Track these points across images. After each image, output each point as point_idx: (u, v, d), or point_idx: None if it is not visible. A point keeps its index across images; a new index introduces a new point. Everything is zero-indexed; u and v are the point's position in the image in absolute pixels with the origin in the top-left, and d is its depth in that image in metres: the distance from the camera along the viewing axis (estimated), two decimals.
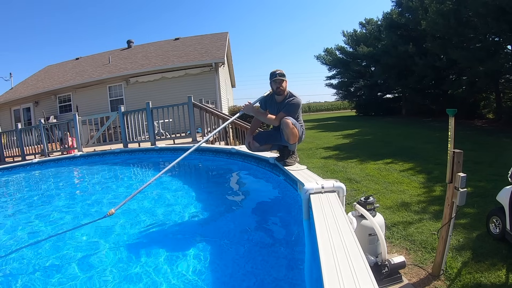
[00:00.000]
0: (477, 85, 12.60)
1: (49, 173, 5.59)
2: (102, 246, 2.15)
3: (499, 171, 4.20)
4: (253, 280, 1.68)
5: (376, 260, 2.34)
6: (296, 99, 2.68)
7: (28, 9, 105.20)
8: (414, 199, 4.11)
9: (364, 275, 0.97)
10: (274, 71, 2.66)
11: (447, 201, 2.42)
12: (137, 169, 5.50)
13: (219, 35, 15.19)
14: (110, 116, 7.43)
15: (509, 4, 8.86)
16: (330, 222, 1.42)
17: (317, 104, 46.34)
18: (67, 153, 7.35)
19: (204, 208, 2.89)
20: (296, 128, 2.58)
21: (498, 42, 11.26)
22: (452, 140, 2.39)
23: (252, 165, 3.80)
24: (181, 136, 7.11)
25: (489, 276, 2.37)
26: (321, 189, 1.89)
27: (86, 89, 12.85)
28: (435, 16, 11.63)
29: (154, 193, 3.40)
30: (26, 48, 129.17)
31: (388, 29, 17.77)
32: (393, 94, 23.13)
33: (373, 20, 22.45)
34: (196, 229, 2.45)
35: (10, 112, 14.80)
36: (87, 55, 17.31)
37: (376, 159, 6.74)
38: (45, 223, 2.72)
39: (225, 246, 2.11)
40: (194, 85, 11.67)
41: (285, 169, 2.68)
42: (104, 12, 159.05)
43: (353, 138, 11.05)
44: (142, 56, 14.12)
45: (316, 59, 26.26)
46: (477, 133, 10.12)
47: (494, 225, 2.90)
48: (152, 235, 2.34)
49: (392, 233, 3.19)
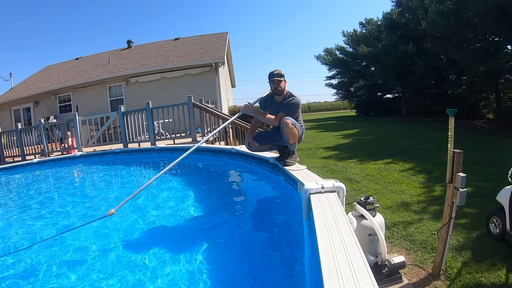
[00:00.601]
0: (477, 85, 12.60)
1: (49, 173, 5.59)
2: (101, 246, 2.15)
3: (499, 171, 4.20)
4: (254, 280, 1.68)
5: (376, 260, 2.34)
6: (296, 99, 2.68)
7: (28, 9, 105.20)
8: (414, 199, 4.11)
9: (364, 275, 0.97)
10: (272, 71, 2.67)
11: (447, 201, 2.42)
12: (137, 169, 5.50)
13: (219, 35, 15.19)
14: (110, 116, 7.44)
15: (509, 4, 8.86)
16: (330, 222, 1.42)
17: (317, 104, 46.33)
18: (67, 153, 7.35)
19: (203, 208, 2.89)
20: (296, 128, 2.58)
21: (498, 42, 11.26)
22: (452, 140, 2.39)
23: (252, 165, 3.80)
24: (181, 136, 7.10)
25: (489, 276, 2.37)
26: (321, 189, 1.89)
27: (86, 89, 12.85)
28: (435, 16, 11.63)
29: (154, 193, 3.40)
30: (26, 48, 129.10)
31: (388, 29, 17.77)
32: (393, 94, 23.13)
33: (373, 20, 22.45)
34: (196, 229, 2.45)
35: (10, 112, 14.80)
36: (87, 55, 17.31)
37: (376, 159, 6.74)
38: (45, 223, 2.72)
39: (225, 246, 2.11)
40: (194, 85, 11.66)
41: (285, 169, 2.68)
42: (104, 12, 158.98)
43: (353, 138, 11.05)
44: (142, 56, 14.12)
45: (316, 59, 26.31)
46: (477, 133, 10.12)
47: (494, 225, 2.90)
48: (151, 235, 2.34)
49: (392, 233, 3.19)
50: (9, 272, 1.89)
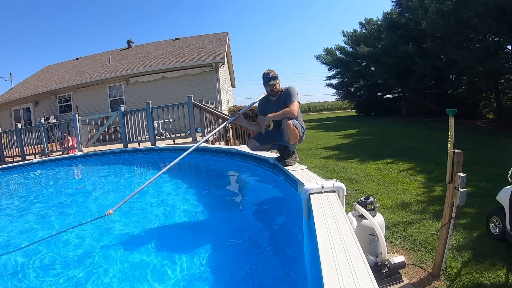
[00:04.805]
0: (477, 85, 12.60)
1: (49, 173, 5.59)
2: (99, 246, 2.14)
3: (499, 171, 4.20)
4: (254, 280, 1.68)
5: (376, 260, 2.34)
6: (290, 86, 2.70)
7: (28, 9, 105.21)
8: (414, 199, 4.11)
9: (364, 275, 0.97)
10: (266, 73, 2.66)
11: (447, 201, 2.42)
12: (137, 169, 5.50)
13: (219, 35, 15.19)
14: (110, 116, 7.43)
15: (509, 4, 8.86)
16: (330, 222, 1.41)
17: (317, 104, 46.32)
18: (67, 153, 7.35)
19: (203, 208, 2.89)
20: (297, 129, 2.58)
21: (498, 42, 11.26)
22: (452, 140, 2.39)
23: (252, 165, 3.79)
24: (181, 136, 7.10)
25: (489, 276, 2.37)
26: (321, 189, 1.89)
27: (86, 89, 12.84)
28: (435, 16, 11.63)
29: (153, 193, 3.40)
30: (26, 48, 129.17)
31: (388, 29, 17.78)
32: (393, 94, 23.14)
33: (373, 20, 22.47)
34: (195, 229, 2.45)
35: (10, 112, 14.79)
36: (87, 55, 17.30)
37: (376, 159, 6.74)
38: (44, 223, 2.72)
39: (225, 246, 2.11)
40: (194, 85, 11.66)
41: (285, 169, 2.68)
42: (104, 12, 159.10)
43: (353, 138, 11.05)
44: (142, 56, 14.12)
45: (316, 59, 26.34)
46: (477, 133, 10.12)
47: (494, 225, 2.90)
48: (151, 235, 2.34)
49: (392, 233, 3.19)
50: (7, 272, 1.89)
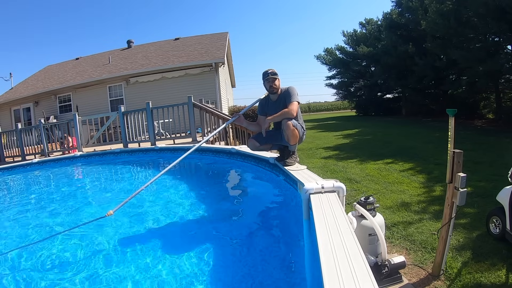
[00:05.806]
0: (477, 85, 12.59)
1: (49, 173, 5.59)
2: (100, 247, 2.14)
3: (499, 171, 4.20)
4: (254, 280, 1.68)
5: (376, 260, 2.34)
6: (290, 86, 2.72)
7: (28, 9, 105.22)
8: (414, 199, 4.11)
9: (364, 275, 0.97)
10: (266, 70, 2.71)
11: (447, 201, 2.42)
12: (137, 169, 5.50)
13: (219, 35, 15.19)
14: (110, 116, 7.44)
15: (509, 4, 8.85)
16: (330, 222, 1.42)
17: (317, 104, 46.29)
18: (67, 153, 7.35)
19: (203, 209, 2.89)
20: (297, 129, 2.58)
21: (498, 42, 11.25)
22: (452, 140, 2.39)
23: (252, 165, 3.80)
24: (181, 136, 7.11)
25: (489, 276, 2.37)
26: (321, 189, 1.89)
27: (86, 89, 12.85)
28: (435, 16, 11.63)
29: (153, 193, 3.40)
30: (26, 48, 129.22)
31: (388, 29, 17.76)
32: (393, 94, 23.12)
33: (373, 20, 22.44)
34: (195, 229, 2.45)
35: (10, 112, 14.79)
36: (87, 55, 17.31)
37: (376, 159, 6.74)
38: (43, 223, 2.72)
39: (225, 246, 2.11)
40: (194, 85, 11.67)
41: (285, 169, 2.68)
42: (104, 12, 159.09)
43: (353, 138, 11.04)
44: (142, 56, 14.12)
45: (316, 59, 26.30)
46: (477, 133, 10.12)
47: (494, 225, 2.90)
48: (151, 235, 2.34)
49: (392, 233, 3.19)
50: (5, 272, 1.89)
